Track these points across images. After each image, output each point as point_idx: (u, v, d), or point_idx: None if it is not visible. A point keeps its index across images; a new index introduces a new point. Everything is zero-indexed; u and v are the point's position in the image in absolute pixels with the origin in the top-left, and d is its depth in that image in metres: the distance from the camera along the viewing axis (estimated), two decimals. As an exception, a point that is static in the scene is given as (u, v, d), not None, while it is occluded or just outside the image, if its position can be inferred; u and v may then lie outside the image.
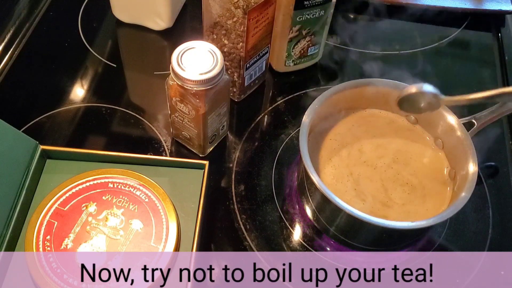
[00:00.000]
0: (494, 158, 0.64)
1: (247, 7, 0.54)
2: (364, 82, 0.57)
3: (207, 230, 0.55)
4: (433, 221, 0.47)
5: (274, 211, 0.57)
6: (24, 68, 0.70)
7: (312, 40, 0.66)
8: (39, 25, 0.75)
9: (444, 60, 0.75)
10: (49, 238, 0.49)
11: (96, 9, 0.77)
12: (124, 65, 0.71)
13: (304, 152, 0.50)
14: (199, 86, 0.51)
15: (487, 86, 0.72)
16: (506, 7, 0.78)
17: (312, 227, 0.56)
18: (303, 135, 0.51)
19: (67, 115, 0.65)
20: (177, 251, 0.50)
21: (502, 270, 0.55)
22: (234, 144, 0.63)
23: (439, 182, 0.54)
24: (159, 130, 0.63)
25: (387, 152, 0.56)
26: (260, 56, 0.63)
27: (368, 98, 0.58)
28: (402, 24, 0.80)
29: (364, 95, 0.57)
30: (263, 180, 0.60)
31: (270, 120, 0.66)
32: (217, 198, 0.58)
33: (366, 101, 0.58)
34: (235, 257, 0.54)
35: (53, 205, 0.51)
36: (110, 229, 0.50)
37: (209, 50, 0.52)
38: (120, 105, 0.66)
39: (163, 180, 0.54)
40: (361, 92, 0.57)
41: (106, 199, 0.52)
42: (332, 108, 0.57)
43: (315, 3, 0.61)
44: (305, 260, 0.54)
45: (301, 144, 0.51)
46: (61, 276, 0.47)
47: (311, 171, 0.49)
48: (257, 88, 0.68)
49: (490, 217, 0.58)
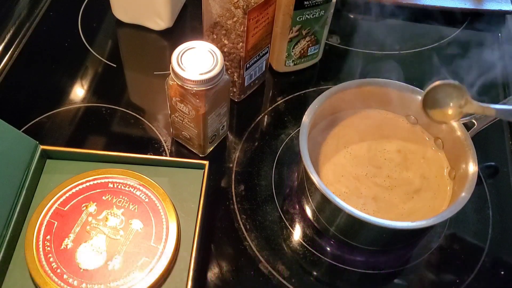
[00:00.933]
0: (494, 158, 0.64)
1: (247, 7, 0.54)
2: (364, 82, 0.57)
3: (207, 230, 0.55)
4: (433, 221, 0.47)
5: (274, 211, 0.57)
6: (24, 68, 0.70)
7: (312, 40, 0.66)
8: (39, 25, 0.75)
9: (444, 60, 0.75)
10: (49, 238, 0.49)
11: (96, 9, 0.77)
12: (124, 65, 0.71)
13: (304, 152, 0.50)
14: (199, 86, 0.51)
15: (487, 86, 0.72)
16: (506, 7, 0.78)
17: (312, 227, 0.56)
18: (303, 135, 0.51)
19: (67, 115, 0.65)
20: (177, 251, 0.50)
21: (502, 270, 0.55)
22: (234, 144, 0.63)
23: (439, 182, 0.54)
24: (159, 130, 0.63)
25: (387, 152, 0.56)
26: (260, 56, 0.63)
27: (369, 98, 0.58)
28: (402, 24, 0.80)
29: (365, 95, 0.57)
30: (263, 180, 0.60)
31: (270, 120, 0.66)
32: (217, 198, 0.58)
33: (367, 101, 0.58)
34: (235, 257, 0.54)
35: (53, 205, 0.51)
36: (110, 229, 0.50)
37: (209, 50, 0.52)
38: (120, 105, 0.66)
39: (163, 180, 0.54)
40: (361, 92, 0.57)
41: (106, 199, 0.52)
42: (333, 108, 0.57)
43: (315, 3, 0.61)
44: (305, 260, 0.54)
45: (301, 144, 0.51)
46: (61, 276, 0.47)
47: (311, 171, 0.49)
48: (257, 88, 0.68)
49: (490, 217, 0.58)
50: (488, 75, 0.74)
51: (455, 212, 0.47)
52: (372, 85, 0.57)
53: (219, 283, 0.52)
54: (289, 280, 0.52)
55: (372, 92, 0.57)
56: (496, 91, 0.71)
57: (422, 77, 0.72)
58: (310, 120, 0.53)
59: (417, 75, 0.72)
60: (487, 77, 0.73)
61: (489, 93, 0.71)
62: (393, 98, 0.57)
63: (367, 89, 0.57)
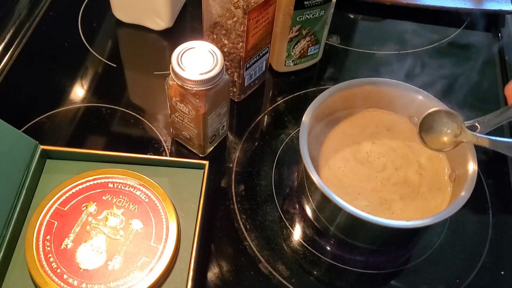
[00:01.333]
0: (494, 158, 0.64)
1: (247, 7, 0.54)
2: (365, 81, 0.57)
3: (207, 230, 0.55)
4: (432, 220, 0.47)
5: (274, 211, 0.57)
6: (24, 68, 0.70)
7: (312, 40, 0.66)
8: (39, 25, 0.75)
9: (444, 60, 0.75)
10: (49, 238, 0.49)
11: (96, 9, 0.77)
12: (124, 65, 0.71)
13: (304, 152, 0.50)
14: (199, 86, 0.51)
15: (487, 86, 0.72)
16: (506, 7, 0.78)
17: (312, 226, 0.56)
18: (303, 134, 0.51)
19: (67, 115, 0.65)
20: (177, 251, 0.50)
21: (502, 270, 0.55)
22: (234, 144, 0.63)
23: (440, 183, 0.54)
24: (159, 130, 0.63)
25: (388, 152, 0.55)
26: (260, 56, 0.63)
27: (370, 97, 0.58)
28: (402, 24, 0.80)
29: (366, 94, 0.57)
30: (263, 180, 0.60)
31: (270, 120, 0.66)
32: (217, 198, 0.58)
33: (367, 101, 0.58)
34: (235, 257, 0.54)
35: (53, 205, 0.51)
36: (110, 229, 0.50)
37: (209, 50, 0.52)
38: (120, 105, 0.66)
39: (163, 180, 0.54)
40: (362, 92, 0.57)
41: (106, 199, 0.52)
42: (333, 107, 0.57)
43: (315, 3, 0.61)
44: (305, 260, 0.54)
45: (301, 143, 0.51)
46: (61, 276, 0.47)
47: (311, 170, 0.49)
48: (257, 88, 0.68)
49: (490, 217, 0.58)
50: (488, 75, 0.74)
51: (454, 212, 0.47)
52: (374, 85, 0.57)
53: (219, 283, 0.52)
54: (289, 280, 0.53)
55: (373, 91, 0.57)
56: (496, 91, 0.71)
57: (422, 77, 0.72)
58: (310, 119, 0.53)
59: (417, 75, 0.72)
60: (487, 77, 0.74)
61: (489, 93, 0.71)
62: (395, 98, 0.57)
63: (368, 88, 0.57)
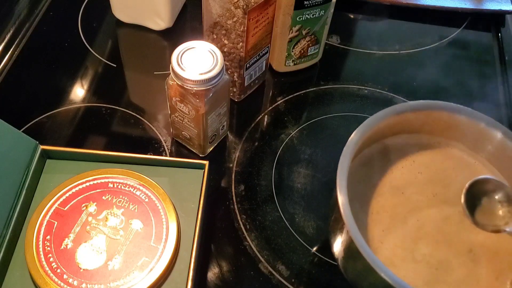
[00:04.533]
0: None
1: (247, 7, 0.54)
2: (432, 104, 0.44)
3: (207, 230, 0.55)
4: None
5: (274, 211, 0.57)
6: (24, 68, 0.70)
7: (312, 40, 0.66)
8: (39, 25, 0.75)
9: (444, 60, 0.75)
10: (49, 238, 0.49)
11: (96, 9, 0.77)
12: (124, 65, 0.71)
13: (342, 191, 0.34)
14: (199, 86, 0.51)
15: (487, 86, 0.72)
16: (506, 7, 0.78)
17: (312, 227, 0.56)
18: (346, 158, 0.37)
19: (67, 115, 0.65)
20: (177, 251, 0.50)
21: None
22: (234, 144, 0.63)
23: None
24: (159, 130, 0.63)
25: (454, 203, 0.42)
26: (260, 56, 0.63)
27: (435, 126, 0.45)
28: (402, 24, 0.80)
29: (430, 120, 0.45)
30: (263, 180, 0.60)
31: (270, 120, 0.66)
32: (217, 198, 0.58)
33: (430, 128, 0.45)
34: (235, 257, 0.54)
35: (53, 205, 0.51)
36: (110, 229, 0.50)
37: (209, 50, 0.52)
38: (120, 105, 0.66)
39: (163, 180, 0.54)
40: (427, 117, 0.44)
41: (106, 199, 0.52)
42: (385, 133, 0.44)
43: (315, 3, 0.61)
44: (305, 260, 0.54)
45: (340, 173, 0.36)
46: (61, 276, 0.47)
47: (355, 233, 0.35)
48: (257, 88, 0.68)
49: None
50: (488, 75, 0.74)
51: None
52: (441, 110, 0.43)
53: (219, 283, 0.52)
54: (289, 280, 0.53)
55: (442, 118, 0.44)
56: (496, 91, 0.71)
57: (423, 77, 0.72)
58: (360, 139, 0.38)
59: (417, 75, 0.72)
60: (487, 77, 0.74)
61: (489, 93, 0.71)
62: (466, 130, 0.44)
63: (436, 114, 0.44)
